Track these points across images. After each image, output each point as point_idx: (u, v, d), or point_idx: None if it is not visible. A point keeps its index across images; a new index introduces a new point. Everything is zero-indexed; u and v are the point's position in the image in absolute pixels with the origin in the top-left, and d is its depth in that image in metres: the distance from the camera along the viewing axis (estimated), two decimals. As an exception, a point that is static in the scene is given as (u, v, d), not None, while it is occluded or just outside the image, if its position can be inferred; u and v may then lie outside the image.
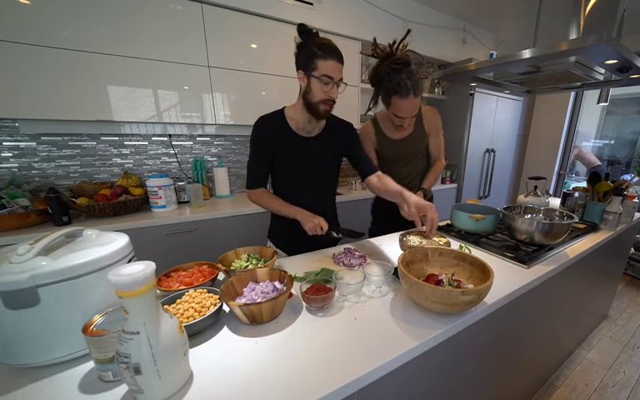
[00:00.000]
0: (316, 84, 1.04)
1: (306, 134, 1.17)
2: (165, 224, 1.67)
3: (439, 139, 1.53)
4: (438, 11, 2.79)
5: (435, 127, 1.49)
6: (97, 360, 0.55)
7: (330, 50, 1.01)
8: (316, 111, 1.09)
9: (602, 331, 2.11)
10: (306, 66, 1.03)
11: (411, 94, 1.20)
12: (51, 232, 0.63)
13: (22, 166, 1.71)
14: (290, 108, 1.17)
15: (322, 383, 0.56)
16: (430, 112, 1.48)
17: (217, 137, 2.27)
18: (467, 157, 3.03)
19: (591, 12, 1.33)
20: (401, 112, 1.25)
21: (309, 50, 1.01)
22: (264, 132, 1.14)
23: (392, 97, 1.23)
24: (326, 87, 1.04)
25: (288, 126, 1.15)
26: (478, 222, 1.30)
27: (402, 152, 1.49)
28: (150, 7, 1.61)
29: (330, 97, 1.06)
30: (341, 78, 1.06)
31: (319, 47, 1.00)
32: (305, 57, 1.02)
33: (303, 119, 1.15)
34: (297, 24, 1.03)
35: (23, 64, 1.39)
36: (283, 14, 1.97)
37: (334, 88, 1.05)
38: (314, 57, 1.01)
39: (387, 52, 1.25)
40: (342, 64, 1.05)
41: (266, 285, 0.82)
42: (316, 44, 1.01)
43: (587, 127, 3.66)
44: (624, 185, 1.56)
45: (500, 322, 1.01)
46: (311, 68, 1.02)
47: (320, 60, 1.00)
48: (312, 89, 1.05)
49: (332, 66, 1.02)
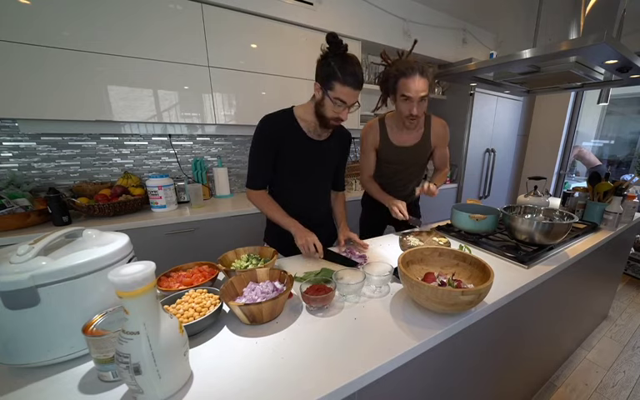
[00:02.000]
0: (329, 102, 1.03)
1: (316, 137, 1.17)
2: (165, 224, 1.66)
3: (445, 152, 1.51)
4: (438, 11, 2.79)
5: (442, 141, 1.47)
6: (97, 360, 0.55)
7: (350, 75, 0.98)
8: (325, 123, 1.09)
9: (602, 331, 2.11)
10: (323, 81, 1.01)
11: (417, 73, 1.19)
12: (51, 232, 0.63)
13: (22, 166, 1.71)
14: (300, 109, 1.15)
15: (322, 383, 0.56)
16: (439, 127, 1.45)
17: (217, 137, 2.27)
18: (467, 157, 3.03)
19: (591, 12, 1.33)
20: (408, 90, 1.21)
21: (330, 68, 0.98)
22: (272, 131, 1.11)
23: (399, 81, 1.22)
24: (337, 108, 1.03)
25: (299, 126, 1.14)
26: (478, 222, 1.30)
27: (401, 159, 1.46)
28: (150, 7, 1.61)
29: (339, 118, 1.06)
30: (355, 102, 1.05)
31: (340, 69, 0.97)
32: (324, 72, 1.00)
33: (315, 123, 1.13)
34: (327, 33, 0.99)
35: (23, 64, 1.39)
36: (283, 14, 1.97)
37: (345, 111, 1.05)
38: (333, 78, 0.98)
39: (395, 59, 1.29)
40: (360, 89, 1.02)
41: (266, 285, 0.82)
42: (338, 63, 0.97)
43: (587, 127, 3.65)
44: (624, 185, 1.56)
45: (500, 322, 1.01)
46: (327, 86, 1.01)
47: (338, 83, 0.98)
48: (325, 105, 1.05)
49: (349, 92, 1.00)
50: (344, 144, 1.31)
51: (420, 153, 1.47)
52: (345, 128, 1.29)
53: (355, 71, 0.99)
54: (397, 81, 1.23)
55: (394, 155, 1.45)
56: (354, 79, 0.99)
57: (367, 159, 1.50)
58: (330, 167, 1.27)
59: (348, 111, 1.06)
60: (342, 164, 1.36)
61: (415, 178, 1.56)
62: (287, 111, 1.15)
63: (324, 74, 1.00)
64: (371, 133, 1.45)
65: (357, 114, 2.51)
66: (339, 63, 0.98)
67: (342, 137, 1.28)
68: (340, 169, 1.36)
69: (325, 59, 1.00)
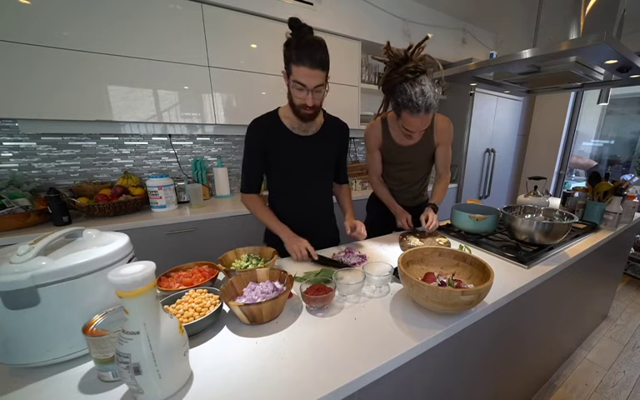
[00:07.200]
0: (292, 89, 1.00)
1: (302, 133, 1.14)
2: (165, 224, 1.66)
3: (447, 151, 1.45)
4: (438, 11, 2.79)
5: (446, 139, 1.41)
6: (97, 360, 0.55)
7: (303, 55, 0.93)
8: (297, 113, 1.06)
9: (602, 331, 2.11)
10: (285, 67, 0.99)
11: (422, 112, 1.12)
12: (51, 232, 0.63)
13: (22, 166, 1.71)
14: (284, 108, 1.15)
15: (322, 383, 0.56)
16: (443, 124, 1.40)
17: (217, 137, 2.27)
18: (467, 157, 3.03)
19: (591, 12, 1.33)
20: (410, 126, 1.19)
21: (288, 51, 0.95)
22: (258, 133, 1.11)
23: (402, 112, 1.17)
24: (300, 93, 0.99)
25: (283, 125, 1.13)
26: (478, 222, 1.30)
27: (405, 159, 1.43)
28: (150, 7, 1.61)
29: (305, 104, 1.00)
30: (319, 85, 0.98)
31: (295, 50, 0.93)
32: (285, 58, 0.97)
33: (296, 118, 1.10)
34: (289, 18, 0.95)
35: (23, 64, 1.39)
36: (283, 14, 1.97)
37: (309, 95, 0.98)
38: (290, 61, 0.95)
39: (402, 57, 1.16)
40: (322, 69, 0.96)
41: (266, 285, 0.82)
42: (295, 45, 0.94)
43: (587, 127, 3.65)
44: (624, 185, 1.56)
45: (500, 322, 1.01)
46: (288, 71, 0.99)
47: (293, 65, 0.94)
48: (291, 92, 1.02)
49: (304, 73, 0.94)
50: (340, 137, 1.26)
51: (423, 151, 1.42)
52: (340, 120, 1.26)
53: (310, 51, 0.93)
54: (401, 110, 1.17)
55: (398, 155, 1.42)
56: (309, 59, 0.93)
57: (372, 159, 1.48)
58: (323, 162, 1.23)
59: (313, 96, 0.99)
60: (342, 157, 1.32)
61: (421, 181, 1.52)
62: (272, 112, 1.15)
63: (285, 59, 0.97)
64: (373, 133, 1.42)
65: (357, 114, 2.51)
66: (296, 45, 0.94)
67: (335, 129, 1.23)
68: (341, 162, 1.32)
69: (286, 45, 0.97)
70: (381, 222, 1.56)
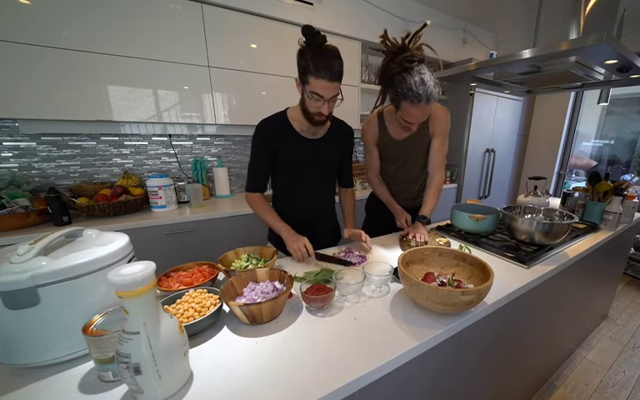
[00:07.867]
0: (307, 97, 1.01)
1: (311, 136, 1.16)
2: (165, 224, 1.66)
3: (443, 145, 1.35)
4: (438, 11, 2.79)
5: (442, 129, 1.33)
6: (97, 360, 0.55)
7: (321, 68, 0.93)
8: (310, 119, 1.07)
9: (602, 331, 2.11)
10: (300, 76, 1.00)
11: (423, 101, 1.08)
12: (51, 232, 0.63)
13: (22, 166, 1.71)
14: (292, 110, 1.15)
15: (322, 383, 0.56)
16: (440, 112, 1.31)
17: (217, 137, 2.27)
18: (467, 157, 3.03)
19: (591, 11, 1.33)
20: (410, 118, 1.15)
21: (304, 61, 0.95)
22: (267, 134, 1.12)
23: (402, 102, 1.13)
24: (316, 103, 1.00)
25: (292, 127, 1.14)
26: (478, 222, 1.30)
27: (400, 155, 1.40)
28: (150, 7, 1.61)
29: (321, 113, 1.02)
30: (334, 95, 1.00)
31: (313, 61, 0.93)
32: (300, 67, 0.98)
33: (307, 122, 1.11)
34: (302, 25, 0.95)
35: (23, 64, 1.39)
36: (283, 14, 1.97)
37: (325, 105, 1.00)
38: (307, 72, 0.95)
39: (399, 46, 1.11)
40: (338, 81, 0.98)
41: (266, 285, 0.82)
42: (312, 56, 0.94)
43: (587, 127, 3.65)
44: (624, 185, 1.56)
45: (500, 322, 1.01)
46: (304, 81, 0.99)
47: (311, 76, 0.95)
48: (305, 100, 1.03)
49: (323, 85, 0.95)
50: (345, 140, 1.28)
51: (419, 143, 1.36)
52: (346, 124, 1.28)
53: (328, 63, 0.94)
54: (400, 101, 1.13)
55: (395, 150, 1.39)
56: (328, 71, 0.94)
57: (370, 156, 1.47)
58: (329, 165, 1.25)
59: (329, 105, 1.01)
60: (347, 160, 1.33)
61: (419, 180, 1.49)
62: (281, 113, 1.16)
63: (300, 69, 0.98)
64: (370, 130, 1.40)
65: (358, 114, 2.51)
66: (312, 56, 0.94)
67: (341, 133, 1.26)
68: (345, 165, 1.33)
69: (301, 54, 0.97)
70: (380, 222, 1.55)
